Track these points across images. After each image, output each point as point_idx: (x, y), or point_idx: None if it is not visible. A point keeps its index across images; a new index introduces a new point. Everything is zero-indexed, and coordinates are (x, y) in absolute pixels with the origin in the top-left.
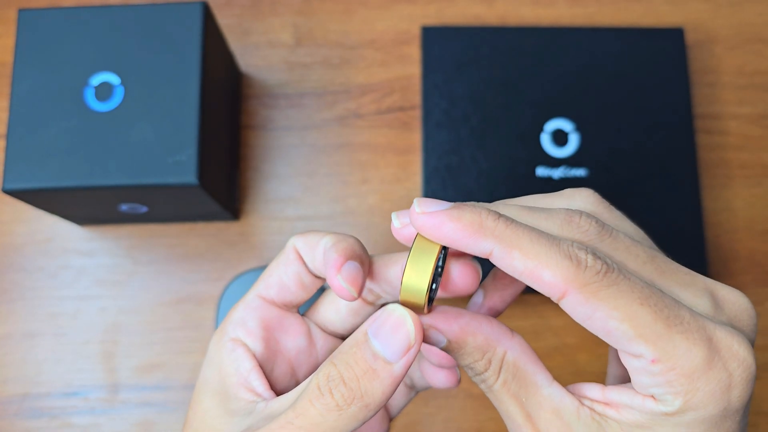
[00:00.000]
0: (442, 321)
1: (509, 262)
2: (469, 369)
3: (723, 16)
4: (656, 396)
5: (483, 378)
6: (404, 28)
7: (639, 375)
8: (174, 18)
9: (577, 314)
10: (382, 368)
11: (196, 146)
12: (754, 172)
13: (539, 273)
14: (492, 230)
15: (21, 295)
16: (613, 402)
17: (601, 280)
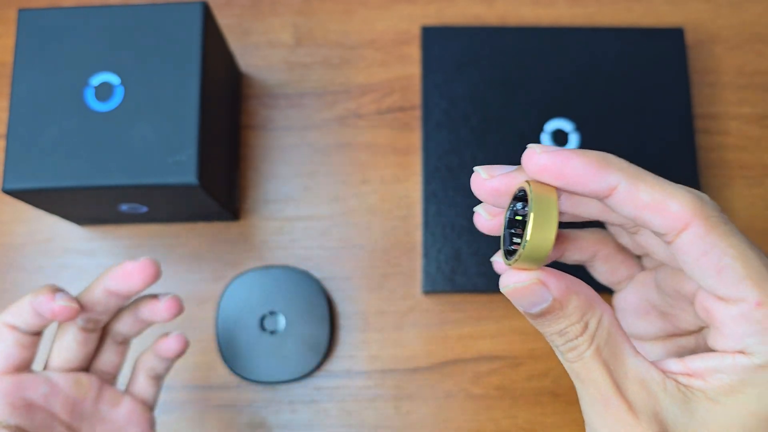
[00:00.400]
0: (552, 276)
1: (635, 194)
2: (559, 337)
3: (723, 16)
4: (748, 348)
5: (574, 344)
6: (404, 28)
7: (734, 323)
8: (174, 18)
9: (693, 249)
10: None
11: (196, 146)
12: (755, 173)
13: (666, 203)
14: (618, 165)
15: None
16: (698, 371)
17: (719, 216)
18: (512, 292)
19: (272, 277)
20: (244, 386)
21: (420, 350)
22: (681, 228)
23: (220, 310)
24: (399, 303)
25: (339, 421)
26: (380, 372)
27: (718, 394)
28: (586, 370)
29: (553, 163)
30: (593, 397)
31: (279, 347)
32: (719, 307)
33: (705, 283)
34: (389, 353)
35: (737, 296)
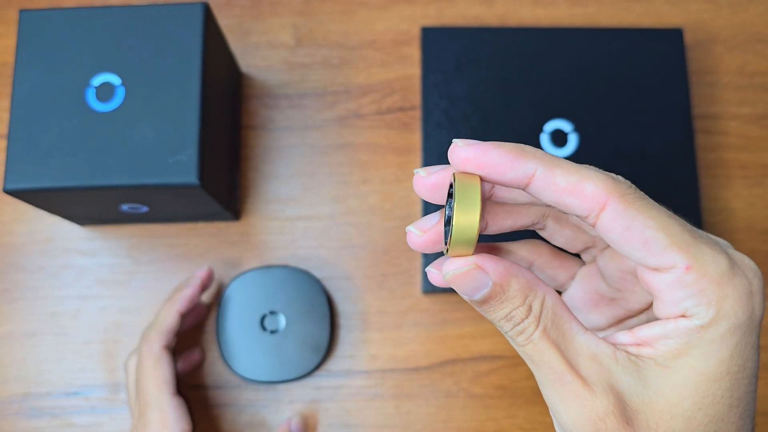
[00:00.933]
0: (489, 260)
1: (552, 180)
2: (506, 322)
3: (723, 16)
4: (688, 311)
5: (522, 328)
6: (404, 29)
7: (670, 290)
8: (175, 18)
9: (615, 226)
10: None
11: (196, 146)
12: (754, 173)
13: (582, 186)
14: (533, 154)
15: (22, 294)
16: (646, 339)
17: (634, 192)
18: (452, 278)
19: (273, 276)
20: (245, 386)
21: (420, 350)
22: (599, 208)
23: (220, 309)
24: (399, 303)
25: (339, 421)
26: (380, 372)
27: (667, 359)
28: (537, 352)
29: (472, 154)
30: (548, 377)
31: (279, 347)
32: (654, 277)
33: (635, 257)
34: (389, 353)
35: (667, 264)
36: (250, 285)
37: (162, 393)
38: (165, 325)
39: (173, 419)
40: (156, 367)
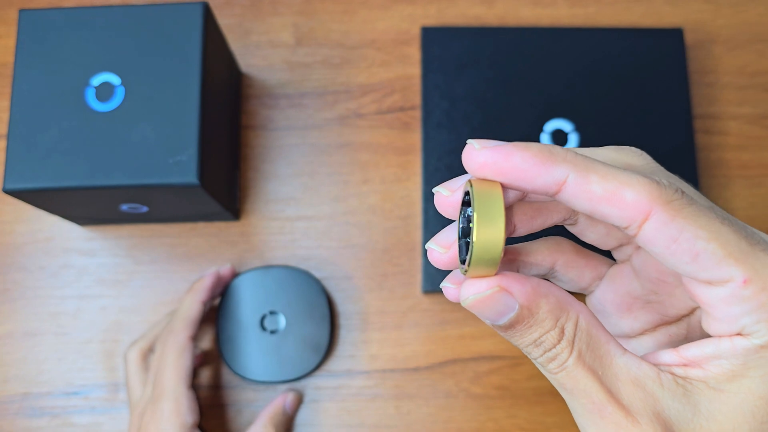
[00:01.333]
0: (515, 280)
1: (586, 186)
2: (535, 348)
3: (723, 16)
4: (746, 329)
5: (554, 354)
6: (405, 29)
7: (726, 305)
8: (174, 18)
9: (661, 238)
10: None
11: (196, 146)
12: (754, 173)
13: (621, 193)
14: (563, 157)
15: (22, 294)
16: (695, 359)
17: (681, 198)
18: (473, 304)
19: (272, 276)
20: (244, 385)
21: (420, 350)
22: (642, 218)
23: (220, 309)
24: (399, 303)
25: (339, 421)
26: (380, 372)
27: (720, 382)
28: (572, 380)
29: (492, 159)
30: (585, 407)
31: (279, 347)
32: (706, 291)
33: (684, 270)
34: (389, 353)
35: (722, 278)
36: (249, 285)
37: (180, 384)
38: (191, 316)
39: (187, 410)
40: (180, 357)
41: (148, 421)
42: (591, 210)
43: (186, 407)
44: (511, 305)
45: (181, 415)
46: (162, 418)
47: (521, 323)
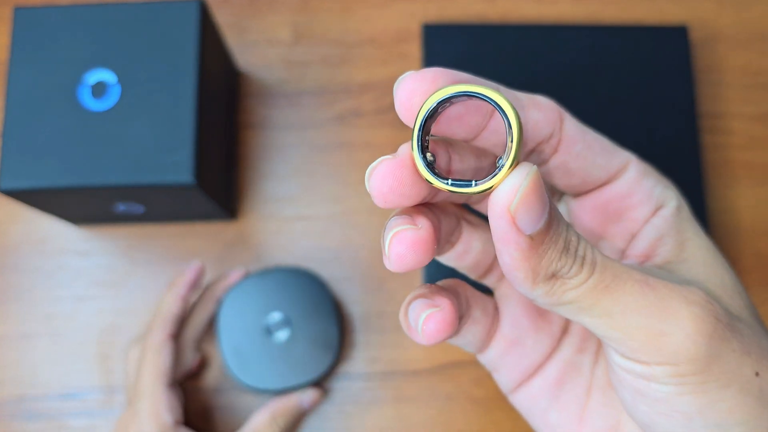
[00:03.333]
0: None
1: (513, 94)
2: (567, 254)
3: (728, 14)
4: (659, 199)
5: (582, 251)
6: (405, 26)
7: (639, 183)
8: (171, 16)
9: (578, 134)
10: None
11: (193, 145)
12: (759, 172)
13: (537, 99)
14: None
15: (17, 295)
16: (647, 250)
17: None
18: (524, 198)
19: (270, 280)
20: (242, 388)
21: (420, 352)
22: (560, 120)
23: (220, 323)
24: (399, 304)
25: (339, 424)
26: (380, 374)
27: (677, 256)
28: (612, 272)
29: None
30: (638, 292)
31: (289, 351)
32: (622, 184)
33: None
34: (389, 355)
35: (624, 159)
36: (247, 293)
37: (157, 383)
38: (169, 313)
39: (164, 409)
40: (157, 356)
41: (128, 422)
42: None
43: (164, 406)
44: (546, 196)
45: (159, 415)
46: (140, 419)
47: (554, 219)
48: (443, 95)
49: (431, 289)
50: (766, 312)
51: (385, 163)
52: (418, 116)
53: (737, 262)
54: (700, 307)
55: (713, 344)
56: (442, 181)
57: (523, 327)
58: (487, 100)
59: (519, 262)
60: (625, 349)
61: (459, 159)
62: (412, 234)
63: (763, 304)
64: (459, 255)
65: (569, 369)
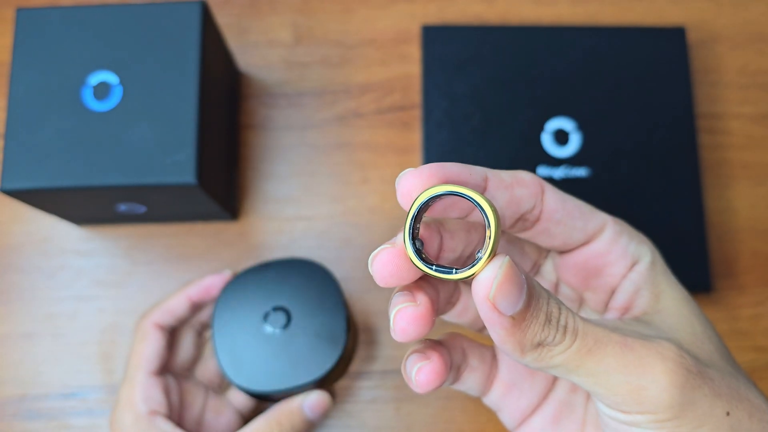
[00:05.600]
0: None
1: (499, 177)
2: (548, 327)
3: (726, 15)
4: (635, 255)
5: (564, 321)
6: (404, 27)
7: (616, 242)
8: (172, 17)
9: (557, 203)
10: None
11: (194, 146)
12: (757, 172)
13: (521, 176)
14: (476, 167)
15: (19, 295)
16: (626, 303)
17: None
18: (500, 286)
19: (270, 273)
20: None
21: None
22: (541, 192)
23: (217, 310)
24: None
25: (338, 422)
26: (380, 373)
27: (652, 306)
28: (592, 337)
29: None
30: (615, 354)
31: (290, 346)
32: (599, 244)
33: (576, 226)
34: (389, 354)
35: (601, 221)
36: (247, 285)
37: (138, 370)
38: (166, 304)
39: (141, 398)
40: (140, 342)
41: (113, 408)
42: (509, 196)
43: (141, 395)
44: (522, 280)
45: (133, 404)
46: (118, 406)
47: (532, 297)
48: (432, 194)
49: (425, 344)
50: (764, 311)
51: (384, 252)
52: (410, 212)
53: (735, 262)
54: (672, 362)
55: (686, 392)
56: (428, 267)
57: (519, 372)
58: (470, 200)
59: (505, 338)
60: (610, 402)
61: (450, 236)
62: (413, 311)
63: (761, 303)
64: (459, 313)
65: (564, 407)
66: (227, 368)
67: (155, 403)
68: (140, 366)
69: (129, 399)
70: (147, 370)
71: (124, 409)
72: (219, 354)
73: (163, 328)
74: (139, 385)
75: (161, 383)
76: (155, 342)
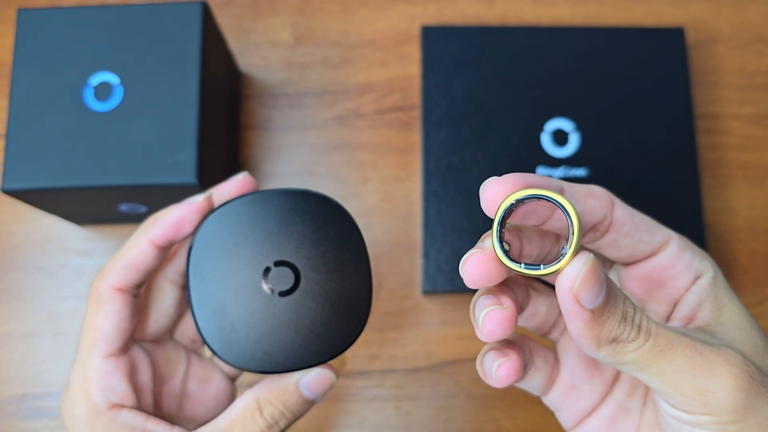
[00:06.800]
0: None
1: (574, 190)
2: (625, 323)
3: (724, 15)
4: (698, 269)
5: (639, 320)
6: (404, 28)
7: (680, 257)
8: (173, 18)
9: (625, 216)
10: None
11: (195, 146)
12: (755, 173)
13: (593, 190)
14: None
15: (20, 294)
16: (690, 314)
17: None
18: (584, 281)
19: (272, 208)
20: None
21: (420, 350)
22: (611, 205)
23: (191, 264)
24: (399, 303)
25: (338, 421)
26: (380, 372)
27: (715, 319)
28: (665, 339)
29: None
30: (686, 356)
31: (296, 314)
32: (665, 257)
33: (644, 239)
34: (389, 353)
35: (665, 236)
36: (237, 224)
37: (91, 351)
38: (125, 257)
39: (97, 389)
40: (95, 314)
41: (63, 392)
42: (582, 207)
43: (97, 385)
44: (603, 277)
45: (89, 395)
46: (69, 392)
47: (611, 294)
48: (518, 197)
49: (501, 344)
50: (763, 311)
51: (474, 256)
52: (497, 215)
53: (733, 262)
54: (738, 368)
55: (750, 398)
56: (517, 265)
57: (580, 374)
58: (554, 202)
59: (584, 331)
60: (676, 401)
61: (528, 242)
62: (500, 313)
63: (760, 303)
64: (528, 317)
65: (621, 411)
66: (211, 339)
67: (116, 395)
68: (95, 346)
69: (83, 388)
70: (104, 352)
71: (76, 399)
72: (199, 319)
73: (125, 290)
74: (94, 372)
75: (124, 366)
76: (115, 312)
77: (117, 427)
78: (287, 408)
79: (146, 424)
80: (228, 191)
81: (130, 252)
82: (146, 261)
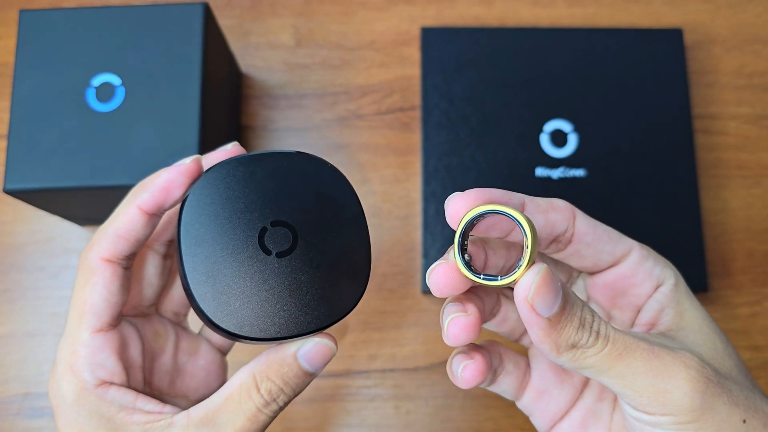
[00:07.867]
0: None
1: (536, 202)
2: (582, 330)
3: (722, 17)
4: (659, 277)
5: (597, 326)
6: (404, 29)
7: (642, 266)
8: (175, 19)
9: (588, 228)
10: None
11: (197, 147)
12: (753, 173)
13: (556, 203)
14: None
15: (22, 294)
16: (651, 320)
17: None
18: (538, 289)
19: (268, 169)
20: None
21: (419, 350)
22: (573, 217)
23: (182, 225)
24: (398, 303)
25: (338, 421)
26: (380, 371)
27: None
28: (623, 342)
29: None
30: (644, 359)
31: (293, 278)
32: (625, 267)
33: (606, 250)
34: (389, 353)
35: (627, 246)
36: (231, 184)
37: (81, 325)
38: (115, 225)
39: (86, 366)
40: (84, 284)
41: (51, 371)
42: (544, 220)
43: (86, 361)
44: (557, 286)
45: (77, 372)
46: (56, 370)
47: (567, 302)
48: (477, 212)
49: (469, 347)
50: (762, 310)
51: (439, 267)
52: (458, 229)
53: (731, 262)
54: (695, 370)
55: (706, 398)
56: (477, 276)
57: (550, 379)
58: (510, 217)
59: (542, 338)
60: (636, 403)
61: (493, 252)
62: (465, 320)
63: (757, 303)
64: (498, 323)
65: (591, 415)
66: (205, 305)
67: (105, 372)
68: (84, 320)
69: (70, 364)
70: (93, 326)
71: (63, 376)
72: (192, 284)
73: (116, 261)
74: (82, 347)
75: (113, 341)
76: (104, 284)
77: (106, 405)
78: (286, 383)
79: (136, 402)
80: (217, 159)
81: (119, 219)
82: (135, 229)
